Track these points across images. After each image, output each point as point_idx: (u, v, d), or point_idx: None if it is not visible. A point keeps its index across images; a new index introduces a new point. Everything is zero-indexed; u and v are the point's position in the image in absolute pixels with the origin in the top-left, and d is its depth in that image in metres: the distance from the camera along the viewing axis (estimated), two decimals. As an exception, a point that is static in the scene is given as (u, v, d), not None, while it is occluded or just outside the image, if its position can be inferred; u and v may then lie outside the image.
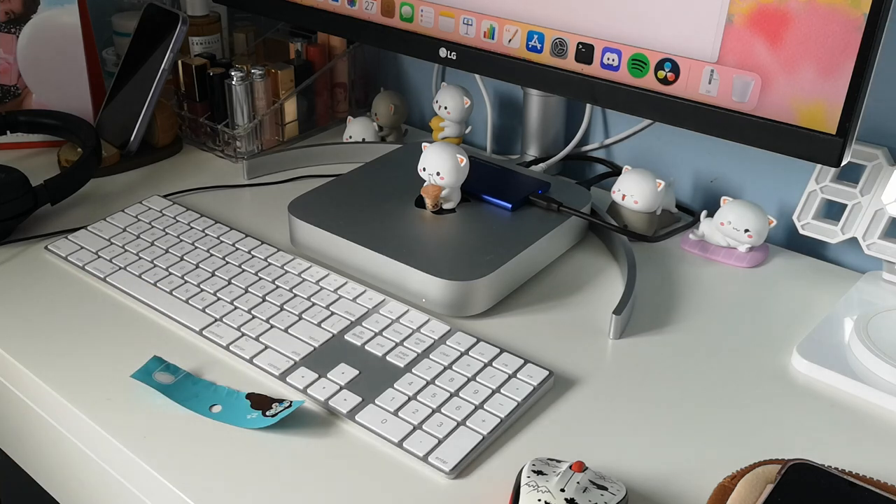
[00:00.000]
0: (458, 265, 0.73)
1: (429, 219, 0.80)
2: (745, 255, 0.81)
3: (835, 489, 0.52)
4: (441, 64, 0.89)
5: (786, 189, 0.86)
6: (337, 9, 0.87)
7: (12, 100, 1.00)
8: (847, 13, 0.59)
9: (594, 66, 0.72)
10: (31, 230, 0.84)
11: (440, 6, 0.79)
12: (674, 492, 0.56)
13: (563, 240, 0.81)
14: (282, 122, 1.03)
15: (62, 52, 0.99)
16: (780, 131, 0.64)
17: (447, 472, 0.57)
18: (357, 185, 0.85)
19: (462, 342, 0.68)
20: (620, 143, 0.97)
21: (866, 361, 0.66)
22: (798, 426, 0.62)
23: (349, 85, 1.09)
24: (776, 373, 0.67)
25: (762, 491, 0.53)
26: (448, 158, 0.78)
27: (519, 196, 0.82)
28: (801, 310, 0.75)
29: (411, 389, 0.63)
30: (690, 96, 0.68)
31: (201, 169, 0.98)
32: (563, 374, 0.66)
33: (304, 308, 0.72)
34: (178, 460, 0.58)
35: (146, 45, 0.97)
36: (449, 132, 0.99)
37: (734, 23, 0.64)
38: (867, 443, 0.61)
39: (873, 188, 0.76)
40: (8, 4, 0.96)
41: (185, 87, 1.02)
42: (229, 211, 0.89)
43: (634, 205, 0.83)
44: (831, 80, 0.61)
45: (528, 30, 0.75)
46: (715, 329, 0.72)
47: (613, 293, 0.76)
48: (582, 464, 0.53)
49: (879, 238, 0.75)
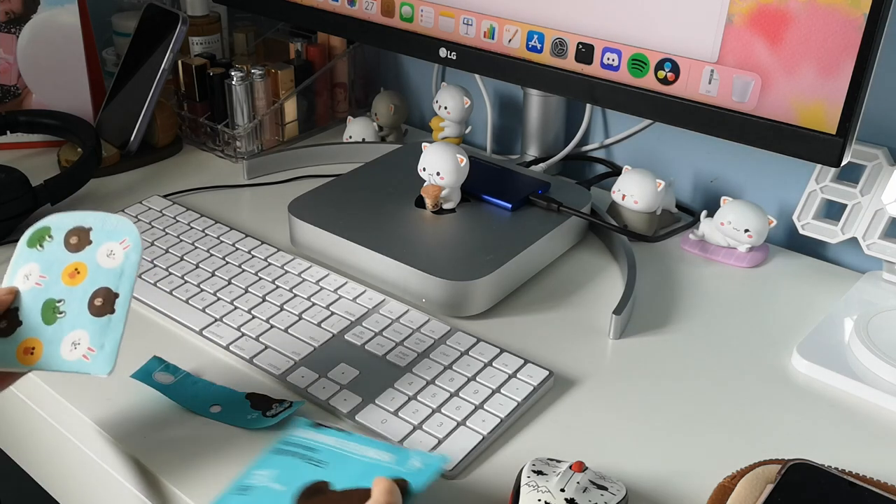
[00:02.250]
0: (458, 265, 0.73)
1: (429, 219, 0.80)
2: (745, 255, 0.81)
3: (835, 489, 0.52)
4: (441, 64, 0.89)
5: (786, 189, 0.86)
6: (337, 9, 0.87)
7: (12, 100, 1.00)
8: (847, 13, 0.59)
9: (594, 66, 0.72)
10: (31, 230, 0.84)
11: (440, 6, 0.79)
12: (674, 492, 0.56)
13: (563, 240, 0.81)
14: (282, 122, 1.03)
15: (62, 52, 0.99)
16: (780, 131, 0.64)
17: (447, 472, 0.57)
18: (357, 185, 0.85)
19: (462, 342, 0.68)
20: (620, 143, 0.97)
21: (866, 361, 0.66)
22: (798, 426, 0.62)
23: (349, 85, 1.09)
24: (776, 373, 0.67)
25: (762, 491, 0.53)
26: (448, 158, 0.78)
27: (519, 196, 0.82)
28: (801, 310, 0.75)
29: (411, 389, 0.63)
30: (690, 96, 0.68)
31: (201, 169, 0.98)
32: (563, 374, 0.66)
33: (305, 308, 0.72)
34: (178, 460, 0.58)
35: (146, 45, 0.97)
36: (449, 132, 0.99)
37: (734, 23, 0.64)
38: (867, 443, 0.61)
39: (873, 188, 0.76)
40: (8, 4, 0.96)
41: (185, 87, 1.02)
42: (229, 211, 0.89)
43: (634, 205, 0.83)
44: (831, 80, 0.61)
45: (528, 30, 0.75)
46: (715, 329, 0.72)
47: (613, 293, 0.76)
48: (582, 464, 0.53)
49: (879, 238, 0.75)
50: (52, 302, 0.54)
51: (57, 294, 0.54)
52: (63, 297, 0.54)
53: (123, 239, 0.55)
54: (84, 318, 0.53)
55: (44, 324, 0.54)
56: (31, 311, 0.54)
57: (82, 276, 0.54)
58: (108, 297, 0.54)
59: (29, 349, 0.54)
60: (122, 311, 0.53)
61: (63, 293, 0.54)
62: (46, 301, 0.54)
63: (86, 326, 0.53)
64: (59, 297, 0.54)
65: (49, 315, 0.54)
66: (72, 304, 0.54)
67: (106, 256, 0.55)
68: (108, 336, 0.53)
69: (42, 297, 0.54)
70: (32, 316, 0.54)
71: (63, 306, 0.54)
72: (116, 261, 0.54)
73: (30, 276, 0.55)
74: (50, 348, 0.53)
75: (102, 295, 0.54)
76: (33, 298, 0.55)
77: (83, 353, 0.53)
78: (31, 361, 0.53)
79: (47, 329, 0.54)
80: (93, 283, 0.54)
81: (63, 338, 0.53)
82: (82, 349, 0.53)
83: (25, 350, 0.54)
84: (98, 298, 0.54)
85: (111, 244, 0.55)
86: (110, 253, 0.55)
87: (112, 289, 0.54)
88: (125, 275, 0.54)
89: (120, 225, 0.55)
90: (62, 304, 0.54)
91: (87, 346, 0.53)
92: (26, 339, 0.54)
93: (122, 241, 0.55)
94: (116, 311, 0.53)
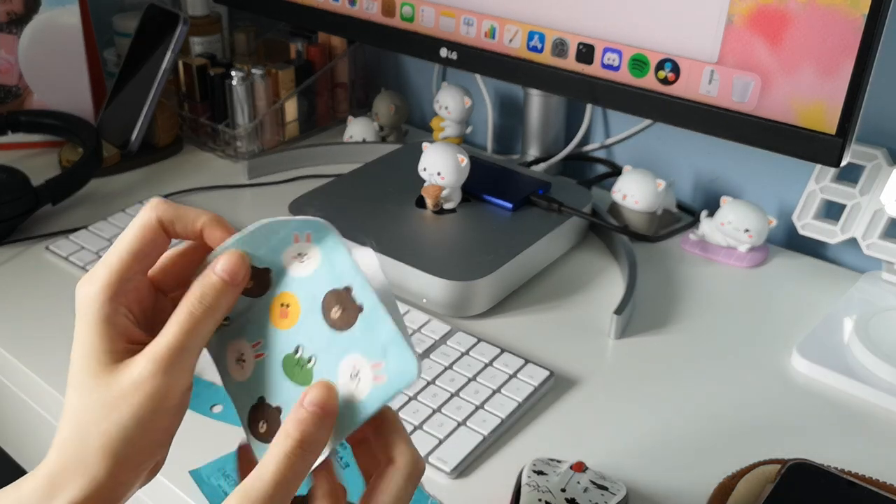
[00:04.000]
0: (458, 265, 0.73)
1: (429, 219, 0.80)
2: (745, 255, 0.81)
3: (834, 489, 0.52)
4: (441, 64, 0.89)
5: (786, 189, 0.86)
6: (337, 9, 0.87)
7: (13, 100, 1.00)
8: (847, 13, 0.59)
9: (595, 66, 0.72)
10: (32, 230, 0.84)
11: (441, 6, 0.79)
12: (674, 492, 0.56)
13: (564, 240, 0.81)
14: (282, 122, 1.03)
15: (63, 52, 0.99)
16: (780, 131, 0.65)
17: (448, 472, 0.57)
18: (357, 185, 0.85)
19: (463, 342, 0.68)
20: (621, 144, 0.97)
21: (866, 361, 0.66)
22: (798, 426, 0.62)
23: (350, 85, 1.09)
24: (776, 373, 0.68)
25: (762, 491, 0.53)
26: (448, 158, 0.78)
27: (519, 196, 0.82)
28: (801, 310, 0.75)
29: (412, 389, 0.63)
30: (690, 96, 0.68)
31: (202, 169, 0.98)
32: (563, 374, 0.66)
33: (305, 308, 0.72)
34: (179, 460, 0.58)
35: (147, 45, 0.97)
36: (449, 132, 0.99)
37: (734, 23, 0.64)
38: (867, 443, 0.61)
39: (872, 188, 0.76)
40: (9, 5, 0.96)
41: (185, 88, 1.03)
42: (230, 211, 0.89)
43: (635, 205, 0.84)
44: (831, 80, 0.61)
45: (528, 30, 0.75)
46: (715, 329, 0.73)
47: (614, 293, 0.76)
48: (582, 464, 0.53)
49: (879, 238, 0.75)
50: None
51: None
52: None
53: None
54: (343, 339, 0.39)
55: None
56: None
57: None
58: (345, 301, 0.39)
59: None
60: (371, 302, 0.38)
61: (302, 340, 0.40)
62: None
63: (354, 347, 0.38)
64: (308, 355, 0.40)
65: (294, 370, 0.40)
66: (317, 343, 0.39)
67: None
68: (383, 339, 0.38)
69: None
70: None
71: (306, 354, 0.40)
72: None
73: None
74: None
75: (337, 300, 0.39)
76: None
77: (373, 378, 0.38)
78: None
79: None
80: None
81: (336, 381, 0.38)
82: (366, 375, 0.38)
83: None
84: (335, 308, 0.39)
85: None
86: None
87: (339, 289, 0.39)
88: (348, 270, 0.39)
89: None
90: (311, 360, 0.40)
91: (371, 368, 0.38)
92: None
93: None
94: (364, 307, 0.39)
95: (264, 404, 0.40)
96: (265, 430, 0.39)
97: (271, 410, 0.40)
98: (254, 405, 0.40)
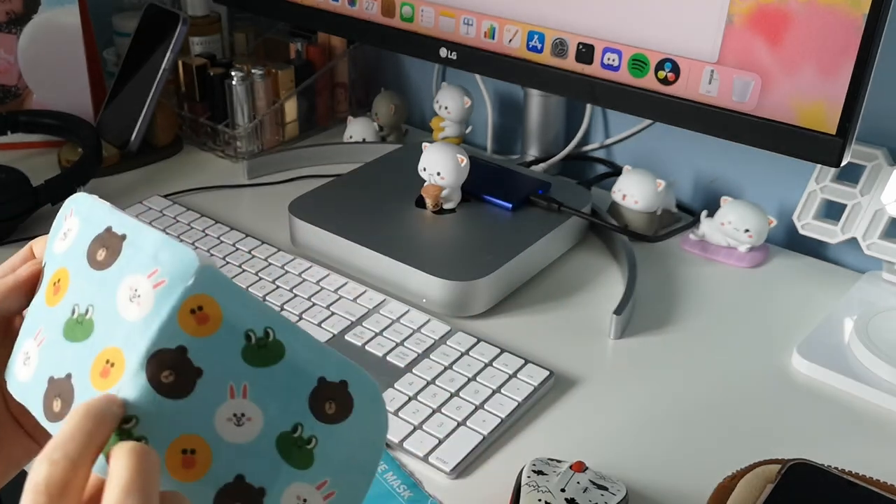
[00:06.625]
0: (458, 265, 0.73)
1: (429, 219, 0.80)
2: (746, 255, 0.81)
3: (834, 489, 0.52)
4: (441, 64, 0.89)
5: (786, 189, 0.86)
6: (337, 9, 0.87)
7: (13, 100, 1.00)
8: (847, 13, 0.59)
9: (594, 66, 0.72)
10: (32, 230, 0.84)
11: (440, 6, 0.79)
12: (674, 492, 0.56)
13: (564, 240, 0.81)
14: (282, 122, 1.03)
15: (63, 52, 0.99)
16: (780, 131, 0.65)
17: (448, 472, 0.57)
18: (357, 185, 0.85)
19: (462, 342, 0.68)
20: (621, 144, 0.97)
21: (866, 361, 0.66)
22: (798, 426, 0.62)
23: (349, 85, 1.09)
24: (776, 373, 0.67)
25: (762, 491, 0.53)
26: (448, 158, 0.78)
27: (519, 196, 0.82)
28: (801, 310, 0.75)
29: (412, 389, 0.63)
30: (690, 96, 0.68)
31: (201, 169, 0.98)
32: (563, 374, 0.66)
33: (305, 308, 0.72)
34: None
35: (147, 45, 0.97)
36: (449, 132, 0.99)
37: (734, 23, 0.64)
38: (867, 442, 0.61)
39: (873, 188, 0.76)
40: (9, 5, 0.96)
41: (185, 87, 1.03)
42: (229, 211, 0.89)
43: (635, 205, 0.83)
44: (831, 80, 0.61)
45: (528, 30, 0.75)
46: (715, 329, 0.73)
47: (614, 293, 0.76)
48: (582, 464, 0.53)
49: (879, 238, 0.75)
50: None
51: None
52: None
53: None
54: (113, 272, 0.36)
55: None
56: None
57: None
58: (107, 240, 0.37)
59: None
60: (132, 225, 0.37)
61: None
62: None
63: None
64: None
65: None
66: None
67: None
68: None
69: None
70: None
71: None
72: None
73: None
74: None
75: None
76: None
77: (153, 286, 0.34)
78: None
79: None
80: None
81: (118, 310, 0.35)
82: (145, 288, 0.34)
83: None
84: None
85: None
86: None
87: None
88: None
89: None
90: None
91: (147, 279, 0.34)
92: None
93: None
94: (127, 234, 0.37)
95: (53, 380, 0.35)
96: (59, 409, 0.35)
97: (62, 382, 0.35)
98: (45, 390, 0.36)
